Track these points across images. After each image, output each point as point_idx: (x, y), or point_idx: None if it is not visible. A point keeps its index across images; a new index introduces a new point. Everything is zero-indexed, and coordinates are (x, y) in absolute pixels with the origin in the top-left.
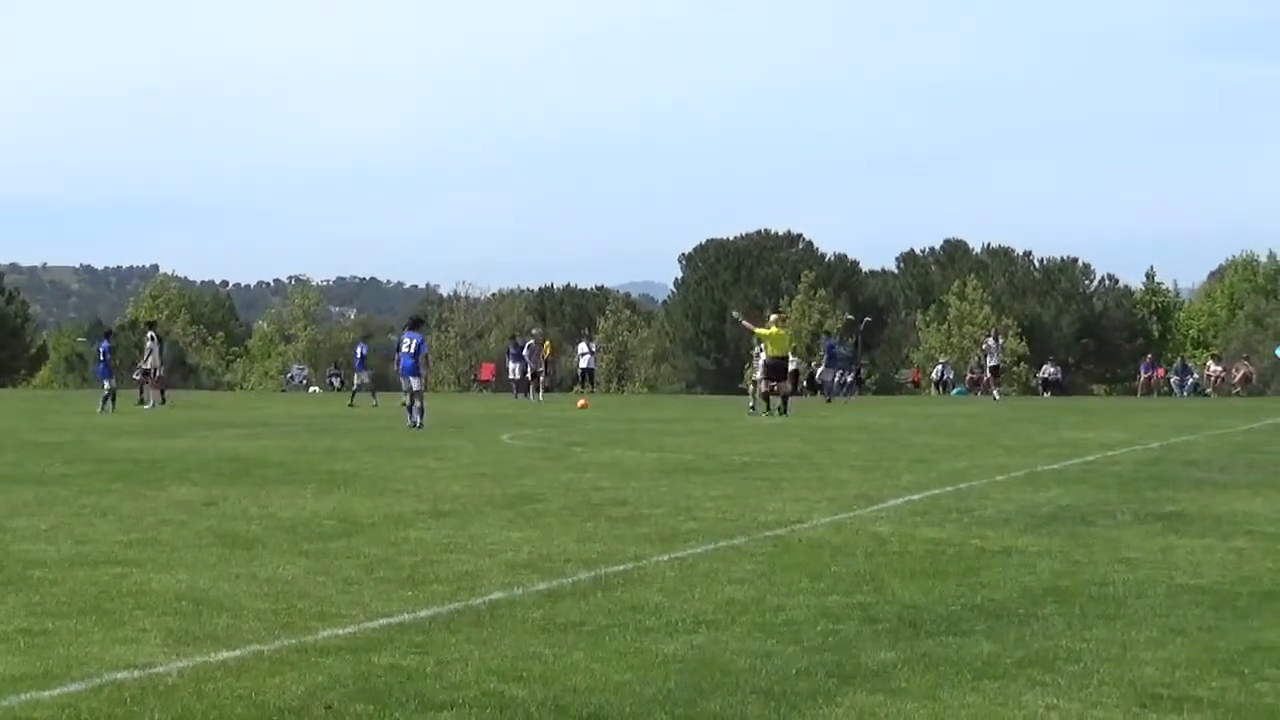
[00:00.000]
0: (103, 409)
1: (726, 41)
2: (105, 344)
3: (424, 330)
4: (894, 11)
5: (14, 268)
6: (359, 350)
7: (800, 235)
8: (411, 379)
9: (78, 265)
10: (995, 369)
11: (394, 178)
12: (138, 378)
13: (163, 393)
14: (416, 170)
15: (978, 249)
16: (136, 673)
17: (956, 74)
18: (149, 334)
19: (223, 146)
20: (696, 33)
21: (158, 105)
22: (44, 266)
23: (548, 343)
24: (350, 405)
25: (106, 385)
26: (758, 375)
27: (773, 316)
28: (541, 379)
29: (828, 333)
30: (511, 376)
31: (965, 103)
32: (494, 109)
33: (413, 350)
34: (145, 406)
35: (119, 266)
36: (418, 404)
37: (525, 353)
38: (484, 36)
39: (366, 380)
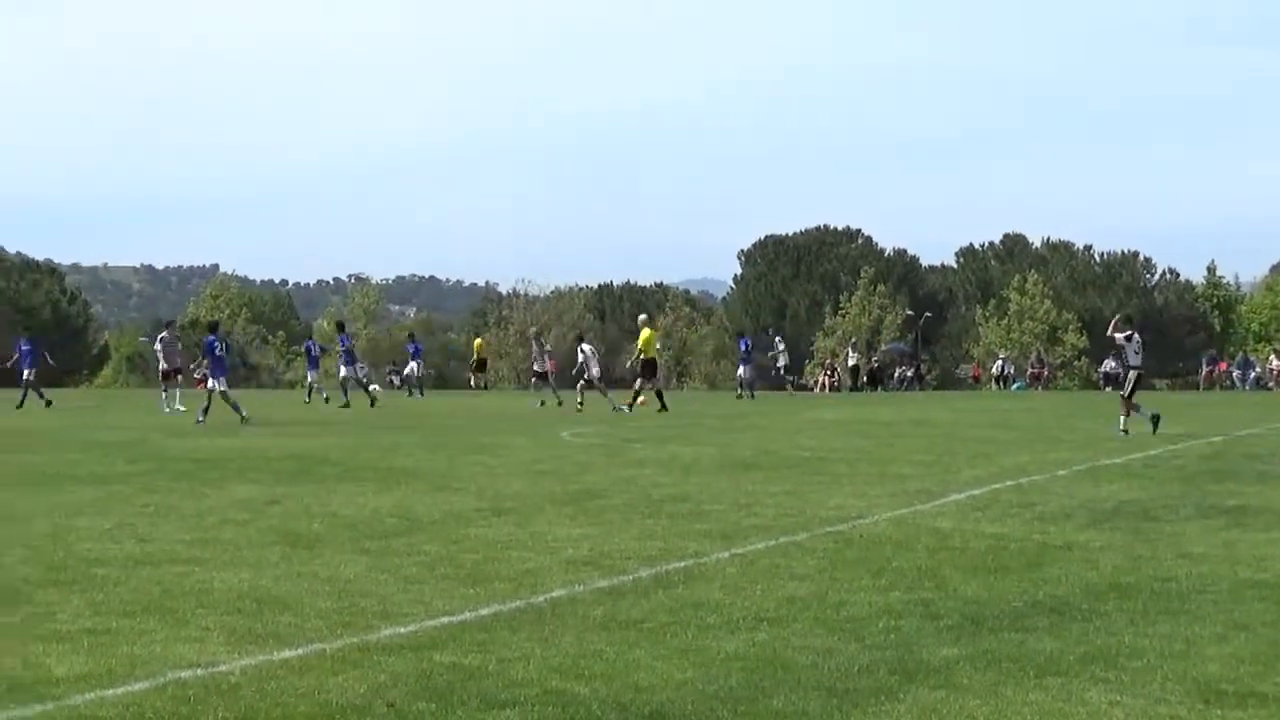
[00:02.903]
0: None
1: (787, 32)
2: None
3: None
4: (951, 5)
5: (76, 268)
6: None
7: (859, 231)
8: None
9: (138, 265)
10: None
11: (453, 174)
12: (197, 377)
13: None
14: (476, 167)
15: (1037, 243)
16: (200, 671)
17: (1017, 66)
18: (162, 335)
19: (283, 145)
20: (757, 22)
21: (218, 104)
22: (105, 266)
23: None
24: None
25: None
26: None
27: (642, 317)
28: (550, 378)
29: (740, 333)
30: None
31: (1025, 96)
32: (553, 103)
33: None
34: (176, 407)
35: (179, 266)
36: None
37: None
38: (543, 29)
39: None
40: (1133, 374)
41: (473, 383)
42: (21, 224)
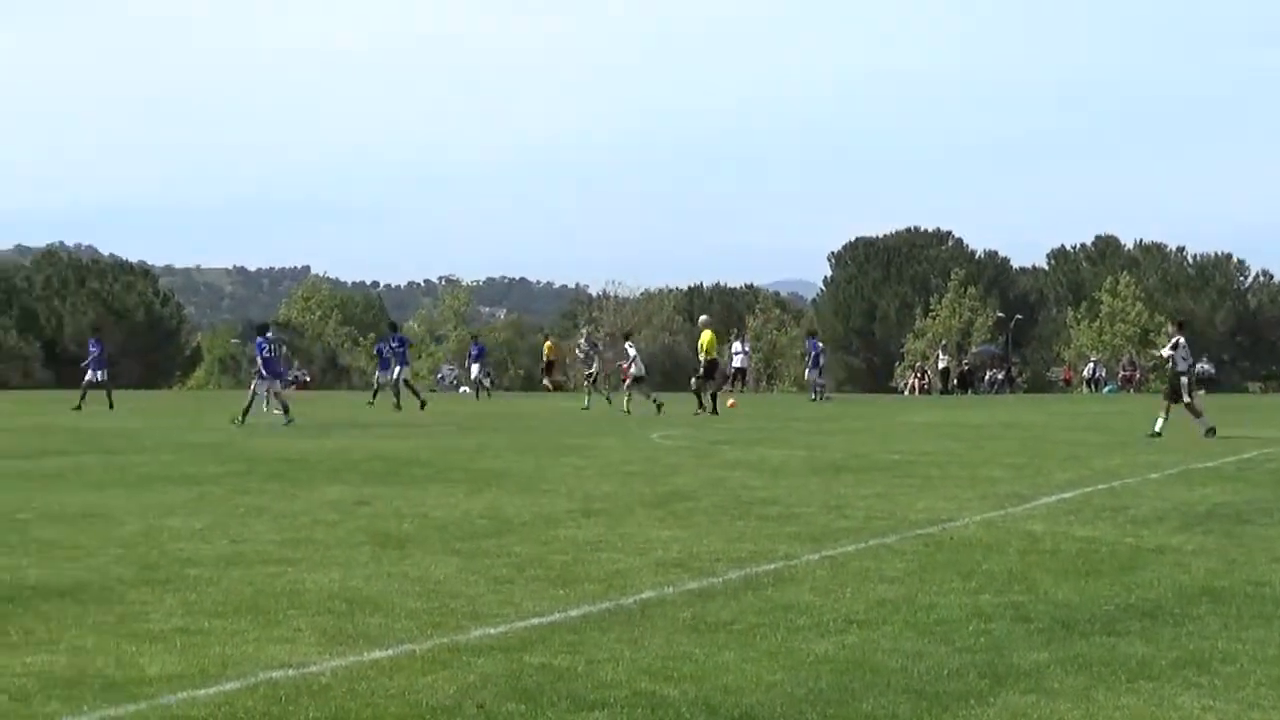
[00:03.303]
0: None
1: (879, 34)
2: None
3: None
4: (1045, 6)
5: (168, 270)
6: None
7: (950, 232)
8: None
9: (231, 267)
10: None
11: (544, 177)
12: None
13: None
14: (567, 169)
15: (1130, 245)
16: (291, 671)
17: (1109, 68)
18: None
19: (374, 146)
20: (849, 24)
21: (311, 107)
22: (198, 268)
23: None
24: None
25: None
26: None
27: (703, 319)
28: (599, 380)
29: (811, 333)
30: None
31: (1117, 97)
32: (643, 105)
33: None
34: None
35: (271, 268)
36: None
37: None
38: (637, 30)
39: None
40: (1182, 379)
41: (547, 384)
42: (115, 226)
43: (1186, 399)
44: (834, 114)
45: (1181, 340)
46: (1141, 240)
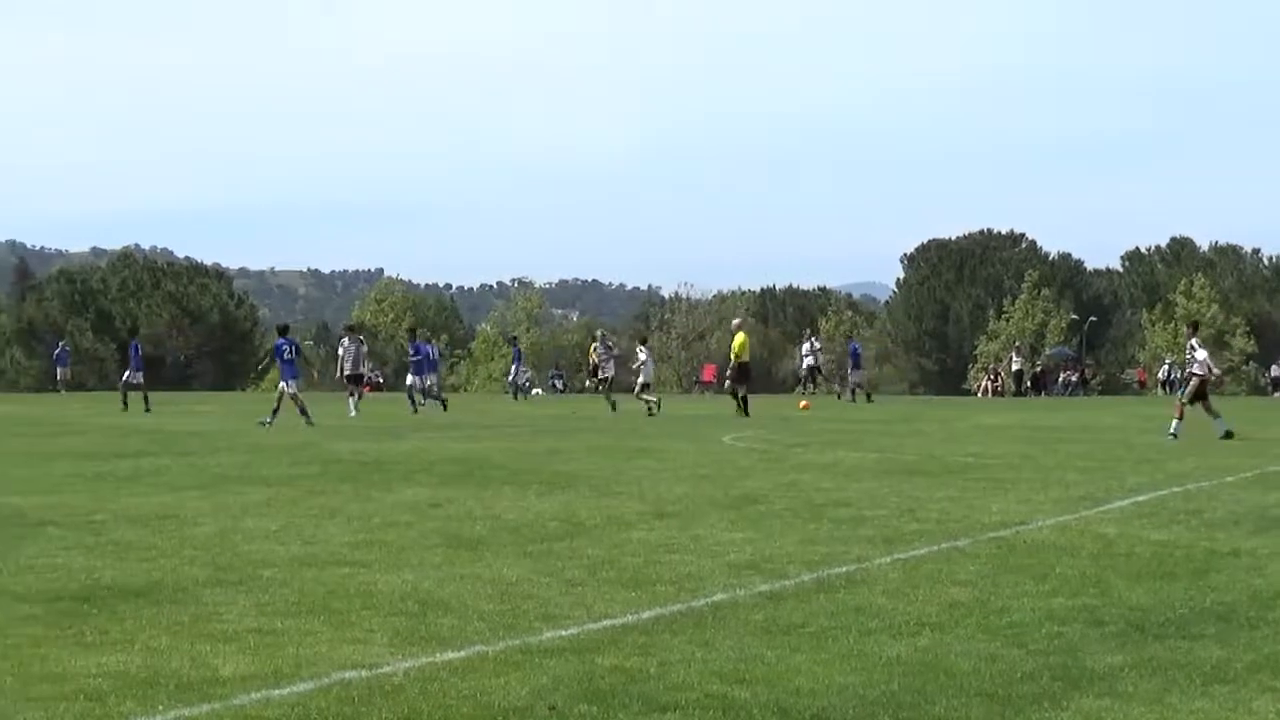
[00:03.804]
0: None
1: (950, 35)
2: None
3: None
4: (1116, 5)
5: (243, 272)
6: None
7: (1023, 234)
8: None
9: (305, 269)
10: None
11: (616, 179)
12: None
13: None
14: (639, 171)
15: (1204, 247)
16: (364, 672)
17: (1182, 67)
18: (343, 338)
19: (448, 149)
20: (919, 25)
21: (383, 110)
22: (272, 270)
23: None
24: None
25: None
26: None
27: (735, 321)
28: (612, 383)
29: (849, 336)
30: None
31: (1191, 97)
32: (713, 106)
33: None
34: (351, 414)
35: (345, 270)
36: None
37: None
38: (701, 33)
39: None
40: (1194, 380)
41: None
42: (190, 229)
43: (1198, 401)
44: (907, 115)
45: (1196, 343)
46: (1217, 242)
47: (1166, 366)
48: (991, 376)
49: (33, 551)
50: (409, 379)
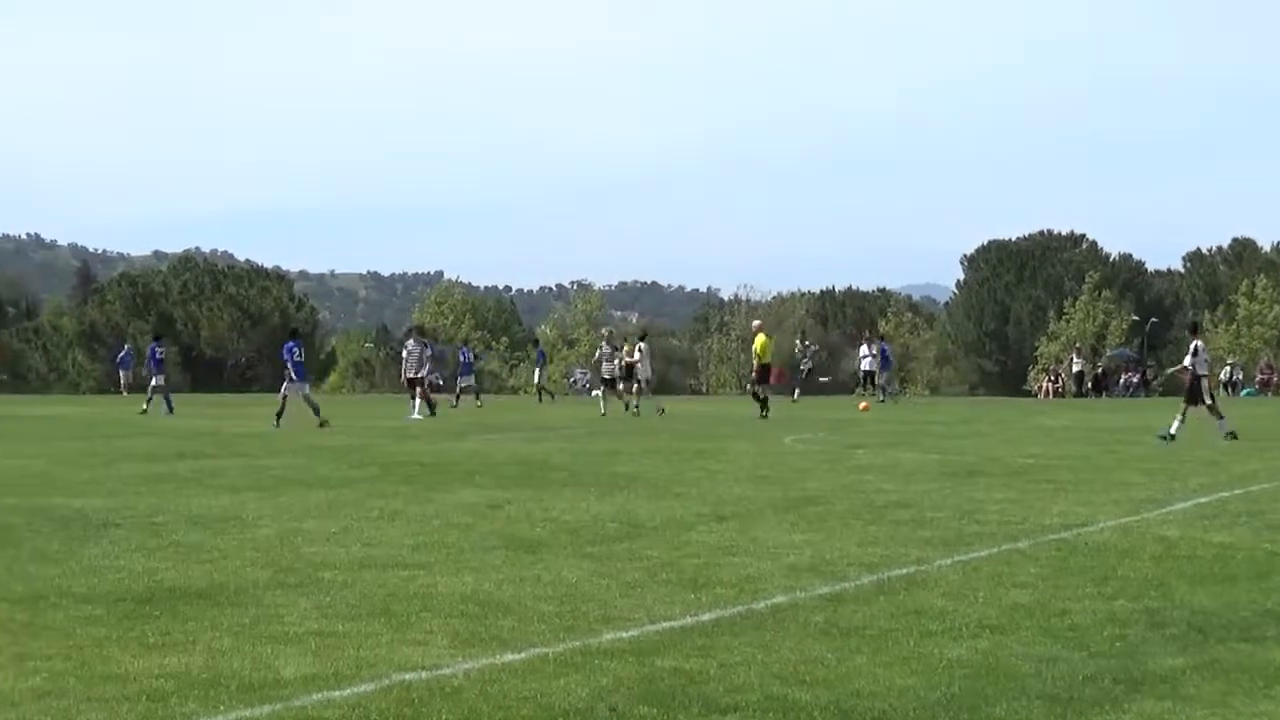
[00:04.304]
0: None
1: (1009, 34)
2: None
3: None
4: (1180, 3)
5: (303, 275)
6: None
7: (1084, 235)
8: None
9: (364, 272)
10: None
11: (675, 180)
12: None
13: (429, 402)
14: (697, 172)
15: (1267, 247)
16: (424, 674)
17: (1245, 66)
18: (408, 340)
19: (506, 152)
20: (979, 24)
21: (442, 113)
22: (332, 273)
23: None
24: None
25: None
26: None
27: (756, 323)
28: (618, 384)
29: (882, 335)
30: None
31: (1255, 96)
32: (771, 108)
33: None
34: (412, 416)
35: (404, 273)
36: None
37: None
38: (763, 33)
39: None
40: (1204, 381)
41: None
42: (251, 232)
43: (1208, 401)
44: (966, 116)
45: (1198, 345)
46: (1279, 243)
47: (1229, 368)
48: (1052, 378)
49: (95, 553)
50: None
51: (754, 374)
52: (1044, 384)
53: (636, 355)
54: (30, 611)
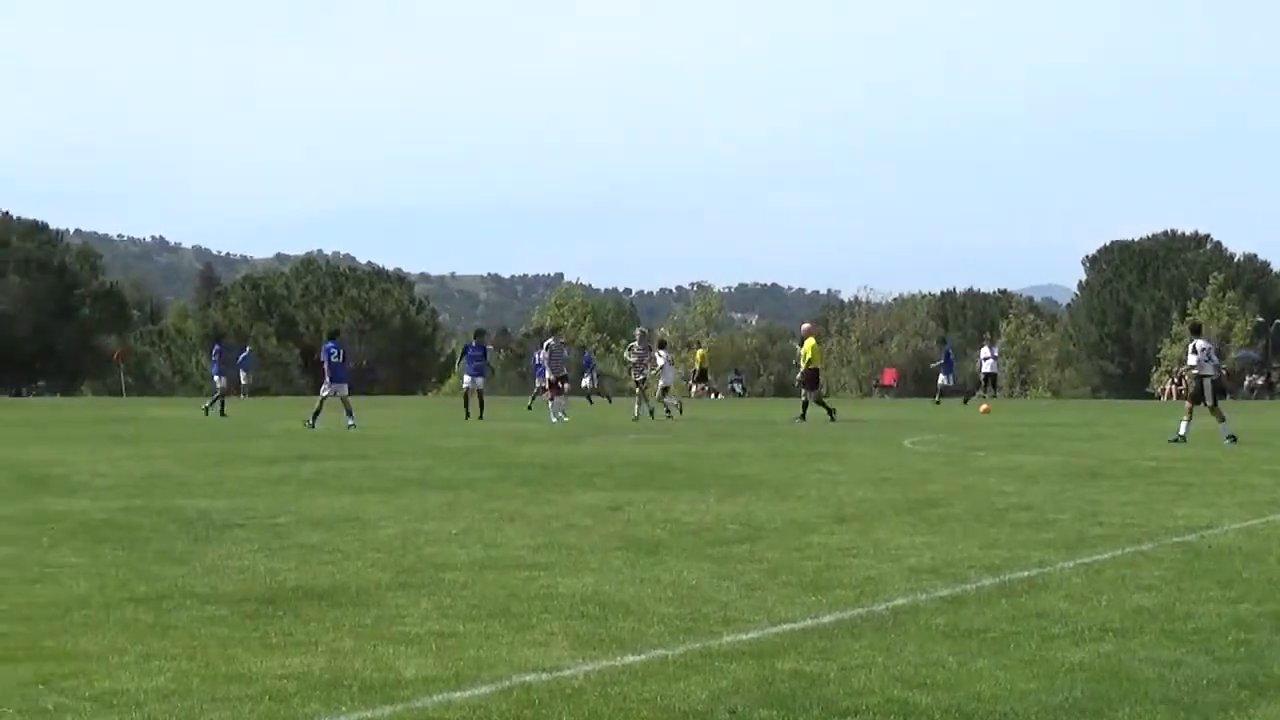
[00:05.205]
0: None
1: (1133, 32)
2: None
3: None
4: None
5: (424, 277)
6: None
7: (1208, 235)
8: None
9: (485, 274)
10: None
11: (797, 182)
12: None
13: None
14: (820, 173)
15: None
16: (544, 675)
17: None
18: (548, 341)
19: (627, 154)
20: (1103, 21)
21: (563, 116)
22: (453, 276)
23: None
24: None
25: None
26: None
27: (805, 326)
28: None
29: (943, 339)
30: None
31: None
32: (891, 108)
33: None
34: (562, 416)
35: (525, 275)
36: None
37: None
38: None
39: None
40: (1207, 382)
41: (693, 392)
42: (372, 234)
43: (1209, 403)
44: (1088, 114)
45: (1200, 345)
46: None
47: None
48: (1175, 380)
49: (218, 554)
50: (465, 381)
51: (801, 377)
52: (1167, 386)
53: (660, 361)
54: (155, 612)
